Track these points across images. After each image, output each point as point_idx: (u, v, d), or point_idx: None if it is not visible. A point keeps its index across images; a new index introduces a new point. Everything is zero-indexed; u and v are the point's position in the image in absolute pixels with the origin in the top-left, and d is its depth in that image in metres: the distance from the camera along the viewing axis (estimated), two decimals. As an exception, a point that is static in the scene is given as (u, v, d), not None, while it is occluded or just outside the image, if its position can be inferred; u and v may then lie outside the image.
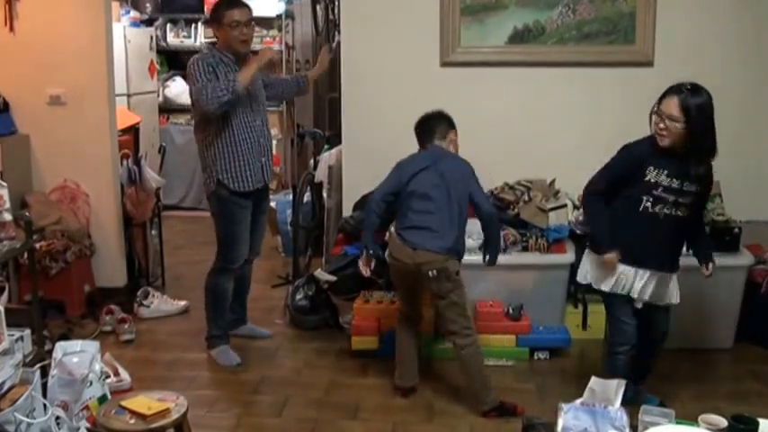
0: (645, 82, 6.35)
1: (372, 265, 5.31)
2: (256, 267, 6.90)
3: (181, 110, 10.59)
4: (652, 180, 4.62)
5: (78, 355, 4.48)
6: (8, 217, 4.69)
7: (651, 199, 4.63)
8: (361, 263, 5.32)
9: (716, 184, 6.03)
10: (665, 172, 4.60)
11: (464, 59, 6.51)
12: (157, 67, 10.54)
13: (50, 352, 4.58)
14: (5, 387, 4.05)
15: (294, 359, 6.05)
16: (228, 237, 5.91)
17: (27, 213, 5.53)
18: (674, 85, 4.59)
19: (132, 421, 3.89)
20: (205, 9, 10.40)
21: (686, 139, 4.52)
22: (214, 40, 6.13)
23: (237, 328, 6.35)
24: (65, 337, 5.43)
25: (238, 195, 5.78)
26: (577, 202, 6.24)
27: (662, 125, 4.55)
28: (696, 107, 4.49)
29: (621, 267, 4.74)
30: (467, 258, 5.97)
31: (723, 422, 3.13)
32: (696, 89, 4.55)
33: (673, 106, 4.51)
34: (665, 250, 4.74)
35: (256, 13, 10.88)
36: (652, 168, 4.62)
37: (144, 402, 3.99)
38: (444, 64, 6.53)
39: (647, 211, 4.65)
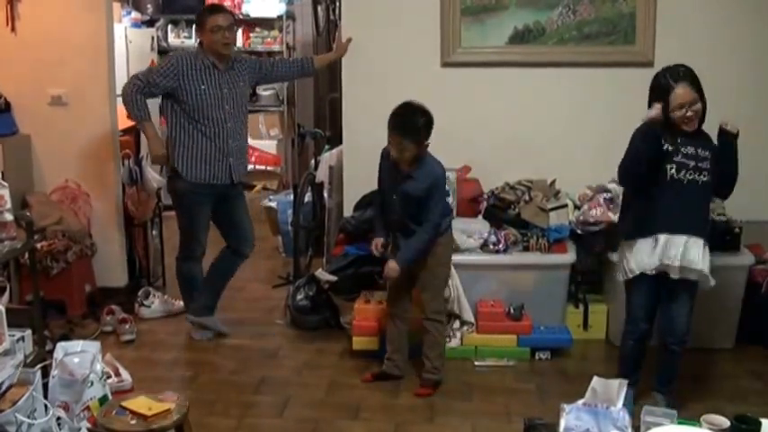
0: (645, 82, 6.31)
1: None
2: (257, 267, 6.92)
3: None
4: (670, 149, 4.70)
5: (79, 356, 4.47)
6: (9, 217, 4.70)
7: (675, 166, 4.70)
8: None
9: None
10: (679, 140, 4.70)
11: (465, 60, 6.51)
12: (158, 67, 10.55)
13: (51, 352, 4.58)
14: (5, 387, 4.06)
15: (295, 359, 6.04)
16: (186, 228, 6.26)
17: (28, 213, 5.54)
18: (671, 75, 4.72)
19: (133, 422, 3.89)
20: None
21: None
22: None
23: (203, 317, 6.37)
24: (66, 338, 5.44)
25: (193, 187, 6.03)
26: (578, 202, 6.25)
27: (690, 113, 4.63)
28: (696, 79, 4.67)
29: (661, 237, 4.76)
30: (467, 258, 6.00)
31: (725, 422, 3.13)
32: (684, 67, 4.74)
33: (690, 92, 4.62)
34: (693, 214, 4.77)
35: (257, 14, 11.06)
36: (667, 138, 4.71)
37: (145, 403, 3.99)
38: (445, 64, 6.54)
39: (672, 178, 4.71)
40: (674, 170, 4.71)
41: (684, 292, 4.85)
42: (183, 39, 11.09)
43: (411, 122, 5.12)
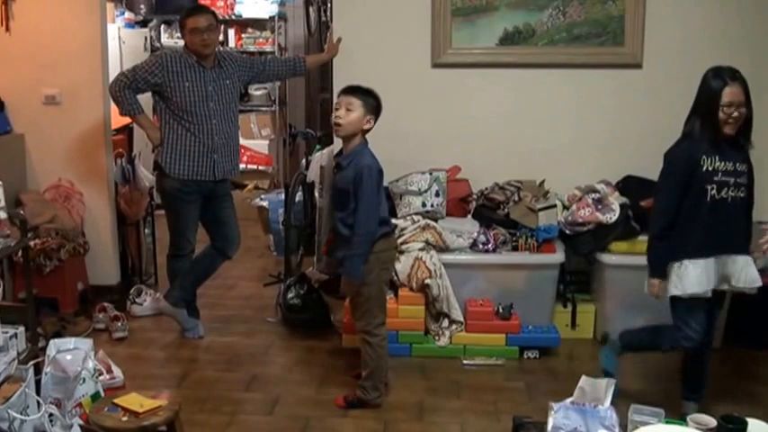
0: (634, 83, 6.42)
1: None
2: (248, 265, 6.94)
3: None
4: (710, 168, 4.57)
5: (72, 353, 4.51)
6: (3, 215, 4.71)
7: (715, 186, 4.58)
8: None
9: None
10: (717, 157, 4.58)
11: (455, 61, 6.54)
12: (151, 67, 10.56)
13: (44, 349, 4.61)
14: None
15: (285, 357, 6.09)
16: (174, 226, 6.28)
17: (22, 212, 5.56)
18: (726, 74, 4.58)
19: (125, 419, 3.92)
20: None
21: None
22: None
23: (176, 308, 6.39)
24: (58, 335, 5.47)
25: (180, 185, 6.07)
26: (567, 203, 6.27)
27: (736, 114, 4.50)
28: (748, 88, 4.56)
29: (702, 262, 4.64)
30: (457, 257, 6.04)
31: (712, 422, 3.17)
32: (736, 69, 4.60)
33: (740, 93, 4.50)
34: (739, 232, 4.69)
35: (249, 14, 11.05)
36: (705, 157, 4.57)
37: (137, 400, 4.03)
38: (435, 65, 6.57)
39: (713, 198, 4.59)
40: (714, 190, 4.59)
41: (721, 303, 4.93)
42: (177, 39, 11.05)
43: (356, 86, 5.14)
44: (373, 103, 5.05)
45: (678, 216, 4.69)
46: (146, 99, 6.16)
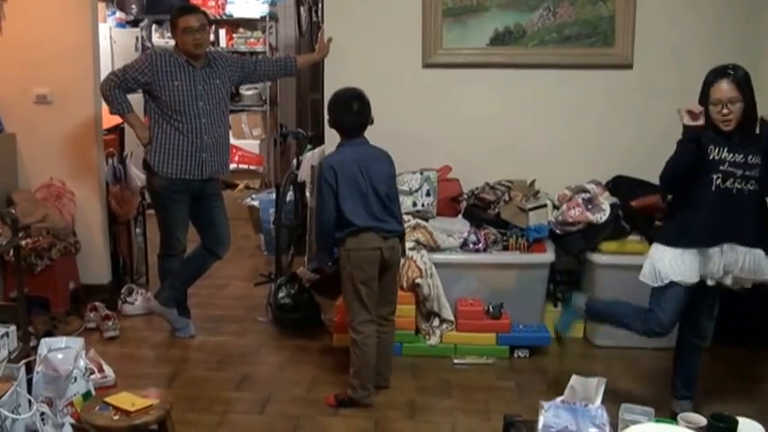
0: (624, 84, 6.44)
1: None
2: (239, 265, 6.90)
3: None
4: (716, 158, 4.57)
5: (63, 352, 4.50)
6: (-6, 214, 4.74)
7: (720, 175, 4.57)
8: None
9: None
10: (726, 148, 4.57)
11: (446, 61, 6.55)
12: (143, 67, 10.55)
13: (35, 348, 4.61)
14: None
15: (276, 356, 6.09)
16: (164, 225, 6.30)
17: (13, 211, 5.57)
18: (716, 71, 4.60)
19: (116, 417, 3.93)
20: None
21: (742, 114, 4.53)
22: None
23: (166, 307, 6.40)
24: (50, 334, 5.46)
25: (168, 184, 6.09)
26: (557, 202, 6.29)
27: (725, 111, 4.51)
28: (745, 79, 4.54)
29: (701, 251, 4.68)
30: (448, 257, 6.05)
31: (702, 420, 3.17)
32: (735, 65, 4.60)
33: (728, 89, 4.51)
34: (743, 224, 4.65)
35: (240, 14, 11.06)
36: (713, 147, 4.58)
37: (128, 399, 4.03)
38: (426, 65, 6.57)
39: (719, 188, 4.59)
40: (720, 179, 4.59)
41: (718, 295, 4.91)
42: (168, 39, 11.06)
43: None
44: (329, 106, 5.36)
45: (683, 204, 4.75)
46: (137, 99, 6.17)
